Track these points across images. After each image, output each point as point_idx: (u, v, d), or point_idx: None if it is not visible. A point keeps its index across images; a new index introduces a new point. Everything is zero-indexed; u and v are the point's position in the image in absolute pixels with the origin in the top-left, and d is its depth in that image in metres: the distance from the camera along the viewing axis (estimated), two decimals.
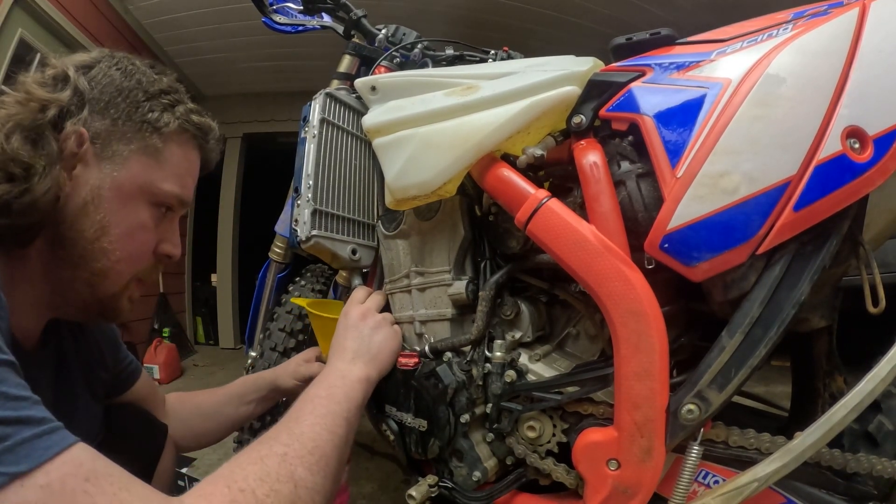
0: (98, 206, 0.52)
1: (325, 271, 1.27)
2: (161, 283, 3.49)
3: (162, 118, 0.56)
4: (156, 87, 0.57)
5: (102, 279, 0.54)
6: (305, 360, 0.86)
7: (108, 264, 0.53)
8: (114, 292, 0.56)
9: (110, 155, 0.53)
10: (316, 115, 0.85)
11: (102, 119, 0.53)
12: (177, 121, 0.57)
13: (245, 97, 3.87)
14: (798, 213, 0.50)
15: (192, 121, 0.59)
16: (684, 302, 0.62)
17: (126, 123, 0.54)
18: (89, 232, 0.52)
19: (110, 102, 0.54)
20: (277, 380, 0.84)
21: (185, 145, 0.59)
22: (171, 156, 0.57)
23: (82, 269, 0.53)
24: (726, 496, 0.51)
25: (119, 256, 0.54)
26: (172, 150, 0.57)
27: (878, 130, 0.49)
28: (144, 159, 0.55)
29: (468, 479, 0.72)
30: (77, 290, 0.54)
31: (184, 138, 0.59)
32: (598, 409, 0.64)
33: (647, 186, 0.58)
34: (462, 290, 0.74)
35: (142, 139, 0.55)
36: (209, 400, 0.85)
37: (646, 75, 0.61)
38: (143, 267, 0.58)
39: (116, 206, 0.53)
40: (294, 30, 1.23)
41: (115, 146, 0.53)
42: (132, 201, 0.54)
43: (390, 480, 1.37)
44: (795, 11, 0.58)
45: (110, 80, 0.54)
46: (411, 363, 0.74)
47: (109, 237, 0.53)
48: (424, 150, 0.69)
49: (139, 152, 0.54)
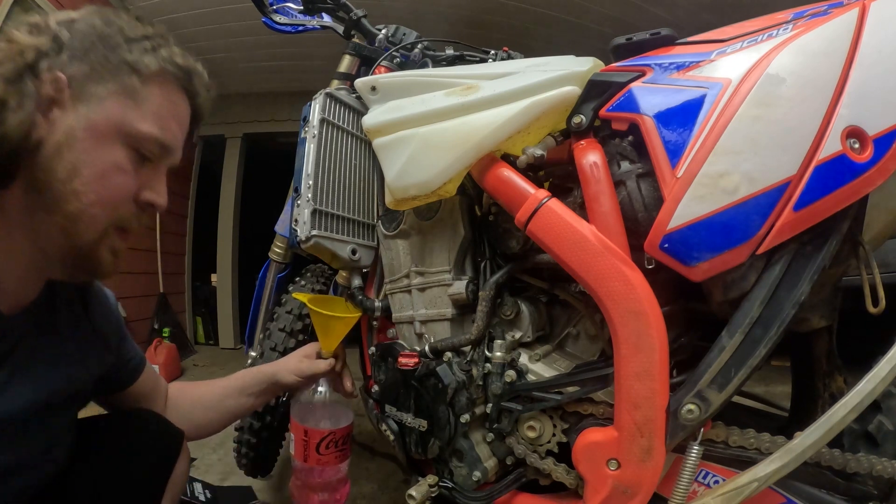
0: (71, 147, 0.51)
1: (325, 271, 1.27)
2: (161, 283, 3.49)
3: (142, 60, 0.54)
4: (137, 32, 0.55)
5: (75, 223, 0.52)
6: (305, 355, 0.86)
7: (80, 207, 0.52)
8: (90, 240, 0.54)
9: (87, 97, 0.52)
10: (316, 115, 0.86)
11: (81, 64, 0.52)
12: (158, 62, 0.55)
13: (245, 97, 3.86)
14: (798, 213, 0.50)
15: (175, 62, 0.57)
16: (684, 302, 0.62)
17: (104, 66, 0.53)
18: (62, 173, 0.51)
19: (90, 48, 0.52)
20: (278, 374, 0.84)
21: (167, 87, 0.57)
22: (151, 96, 0.55)
23: (56, 214, 0.51)
24: (726, 496, 0.51)
25: (92, 199, 0.52)
26: (152, 91, 0.55)
27: (877, 130, 0.49)
28: (122, 100, 0.53)
29: (468, 479, 0.72)
30: (52, 237, 0.53)
31: (165, 79, 0.56)
32: (598, 409, 0.64)
33: (647, 186, 0.58)
34: (462, 290, 0.74)
35: (119, 80, 0.53)
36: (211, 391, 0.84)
37: (646, 75, 0.61)
38: (122, 214, 0.55)
39: (90, 147, 0.52)
40: (294, 30, 1.23)
41: (92, 88, 0.52)
42: (107, 142, 0.53)
43: (390, 480, 1.36)
44: (795, 11, 0.58)
45: (91, 28, 0.54)
46: (411, 363, 0.74)
47: (82, 178, 0.51)
48: (424, 150, 0.69)
49: (116, 93, 0.53)
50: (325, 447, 0.78)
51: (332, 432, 0.79)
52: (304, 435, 0.79)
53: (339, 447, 0.80)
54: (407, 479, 1.12)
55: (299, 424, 0.80)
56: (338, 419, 0.81)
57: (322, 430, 0.79)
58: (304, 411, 0.82)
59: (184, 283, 3.94)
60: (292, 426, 0.81)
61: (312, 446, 0.78)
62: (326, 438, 0.78)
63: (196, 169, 4.04)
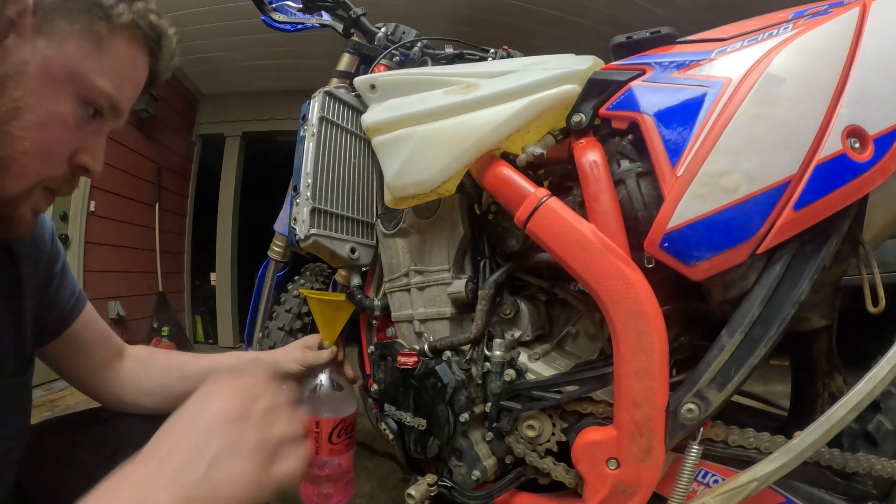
0: (19, 83, 0.46)
1: (324, 270, 1.27)
2: (160, 282, 3.49)
3: (116, 6, 0.50)
4: None
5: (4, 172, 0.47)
6: (307, 346, 0.84)
7: (12, 154, 0.47)
8: (15, 193, 0.49)
9: (49, 31, 0.47)
10: (315, 114, 0.85)
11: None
12: (131, 14, 0.51)
13: (244, 96, 3.86)
14: (798, 212, 0.50)
15: (149, 19, 0.53)
16: (684, 301, 0.62)
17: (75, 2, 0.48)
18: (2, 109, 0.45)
19: None
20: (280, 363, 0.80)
21: (133, 44, 0.53)
22: (115, 50, 0.51)
23: None
24: (726, 495, 0.51)
25: (26, 148, 0.47)
26: (118, 44, 0.51)
27: (878, 130, 0.49)
28: (84, 44, 0.48)
29: (467, 478, 0.71)
30: None
31: (133, 36, 0.52)
32: (597, 408, 0.64)
33: (647, 185, 0.58)
34: (461, 289, 0.74)
35: (87, 22, 0.48)
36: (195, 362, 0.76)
37: (646, 74, 0.61)
38: (53, 172, 0.51)
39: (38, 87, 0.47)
40: (293, 28, 1.22)
41: (58, 22, 0.47)
42: (57, 87, 0.48)
43: (389, 479, 1.36)
44: (796, 11, 0.58)
45: None
46: (410, 362, 0.74)
47: (21, 122, 0.46)
48: (424, 149, 0.69)
49: (80, 35, 0.48)
50: (337, 435, 0.78)
51: (343, 420, 0.79)
52: (315, 427, 0.78)
53: (349, 434, 0.80)
54: (406, 478, 1.12)
55: (309, 417, 0.78)
56: (342, 407, 0.81)
57: (333, 419, 0.78)
58: (311, 404, 0.81)
59: (183, 282, 3.94)
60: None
61: (325, 437, 0.77)
62: (338, 427, 0.78)
63: (195, 168, 4.04)
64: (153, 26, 0.53)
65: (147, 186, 3.43)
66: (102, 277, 2.93)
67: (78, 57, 0.48)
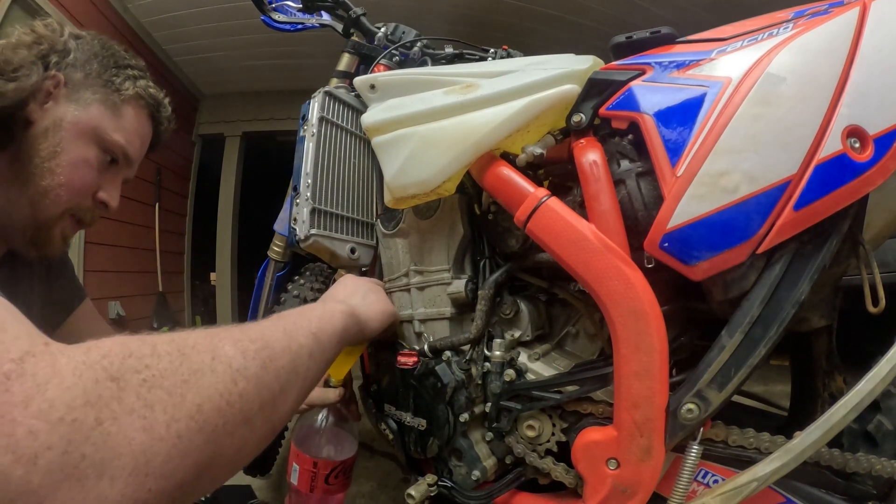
0: (56, 132, 0.63)
1: (324, 270, 1.27)
2: (160, 281, 3.49)
3: (124, 84, 0.69)
4: (125, 62, 0.71)
5: (43, 197, 0.63)
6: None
7: (51, 184, 0.63)
8: (50, 216, 0.64)
9: (77, 99, 0.65)
10: (315, 114, 0.85)
11: (78, 72, 0.66)
12: (136, 89, 0.70)
13: (244, 96, 3.86)
14: (798, 212, 0.50)
15: (149, 92, 0.72)
16: (684, 301, 0.62)
17: (95, 80, 0.67)
18: (44, 151, 0.62)
19: (87, 62, 0.67)
20: None
21: (139, 110, 0.71)
22: (126, 113, 0.69)
23: (30, 187, 0.62)
24: (726, 496, 0.51)
25: (61, 181, 0.63)
26: (128, 110, 0.69)
27: (878, 130, 0.49)
28: (103, 109, 0.67)
29: (467, 479, 0.71)
30: (21, 208, 0.63)
31: (139, 104, 0.71)
32: (597, 408, 0.64)
33: (647, 185, 0.58)
34: (461, 289, 0.73)
35: (105, 94, 0.67)
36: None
37: (646, 74, 0.61)
38: (80, 203, 0.67)
39: (70, 137, 0.64)
40: (293, 28, 1.22)
41: (83, 93, 0.66)
42: (84, 138, 0.65)
43: (389, 479, 1.36)
44: (796, 10, 0.58)
45: (91, 48, 0.68)
46: (410, 362, 0.74)
47: (58, 160, 0.63)
48: (424, 149, 0.69)
49: (100, 102, 0.67)
50: (335, 477, 0.75)
51: (343, 462, 0.75)
52: (312, 467, 0.74)
53: (347, 475, 0.77)
54: (406, 478, 1.12)
55: (308, 457, 0.74)
56: (344, 447, 0.77)
57: (334, 461, 0.74)
58: (311, 442, 0.77)
59: (183, 282, 3.94)
60: (297, 457, 0.75)
61: (321, 477, 0.74)
62: (337, 468, 0.74)
63: (195, 168, 4.04)
64: (153, 97, 0.73)
65: (147, 186, 3.43)
66: (102, 277, 2.93)
67: (98, 117, 0.67)
